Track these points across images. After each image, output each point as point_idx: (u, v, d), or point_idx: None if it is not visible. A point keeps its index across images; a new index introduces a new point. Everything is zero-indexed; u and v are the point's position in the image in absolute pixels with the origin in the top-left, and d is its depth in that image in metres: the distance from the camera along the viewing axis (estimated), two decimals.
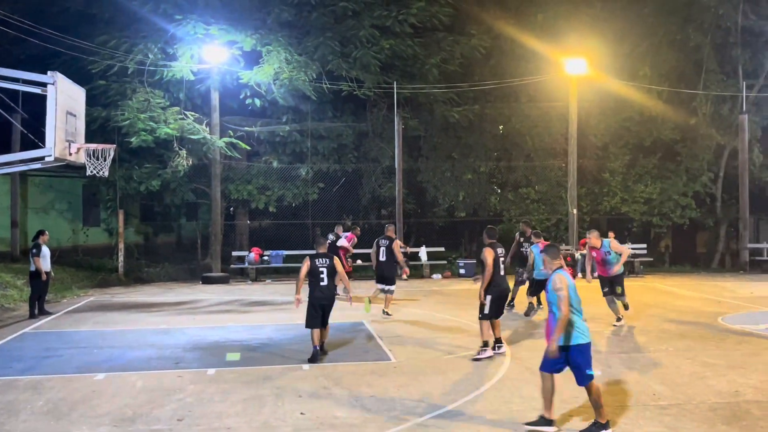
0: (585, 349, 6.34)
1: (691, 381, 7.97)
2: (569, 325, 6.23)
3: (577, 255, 20.88)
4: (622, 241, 22.17)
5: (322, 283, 9.26)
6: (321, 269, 9.27)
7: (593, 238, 12.02)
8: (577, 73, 21.39)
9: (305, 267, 9.25)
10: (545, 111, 23.51)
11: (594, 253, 12.02)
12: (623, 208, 23.80)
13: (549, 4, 23.51)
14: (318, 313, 9.25)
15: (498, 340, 9.55)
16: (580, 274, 20.56)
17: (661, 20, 23.72)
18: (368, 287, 14.96)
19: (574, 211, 21.94)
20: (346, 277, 9.93)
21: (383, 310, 12.77)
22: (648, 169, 24.16)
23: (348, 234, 17.01)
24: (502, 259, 9.50)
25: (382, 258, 13.03)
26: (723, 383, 7.83)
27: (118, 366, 9.08)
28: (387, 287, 12.99)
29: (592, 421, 6.26)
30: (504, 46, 23.32)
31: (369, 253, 14.61)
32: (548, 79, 22.29)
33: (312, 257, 9.34)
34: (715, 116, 23.96)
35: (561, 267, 6.40)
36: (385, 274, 13.03)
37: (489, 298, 9.33)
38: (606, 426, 6.18)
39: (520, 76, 22.43)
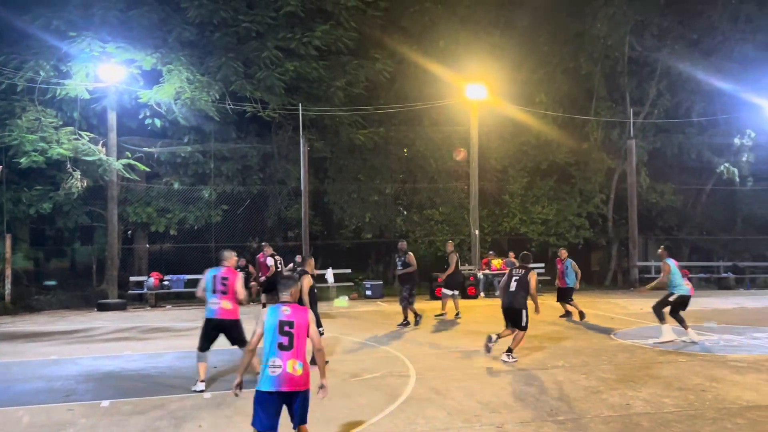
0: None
1: (586, 395, 8.28)
2: None
3: (479, 274, 21.43)
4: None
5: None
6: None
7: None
8: (477, 98, 22.11)
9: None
10: (448, 134, 24.12)
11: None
12: (522, 228, 24.66)
13: (450, 31, 24.23)
14: None
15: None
16: (482, 294, 21.13)
17: (555, 49, 24.95)
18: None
19: (476, 231, 22.51)
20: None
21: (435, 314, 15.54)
22: (545, 191, 25.18)
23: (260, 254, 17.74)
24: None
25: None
26: (615, 397, 8.18)
27: (2, 400, 8.49)
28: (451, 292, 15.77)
29: None
30: (408, 70, 23.82)
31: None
32: (450, 104, 22.92)
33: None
34: (605, 141, 25.33)
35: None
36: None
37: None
38: None
39: (423, 100, 22.94)
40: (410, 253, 14.56)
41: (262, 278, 17.41)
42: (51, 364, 10.93)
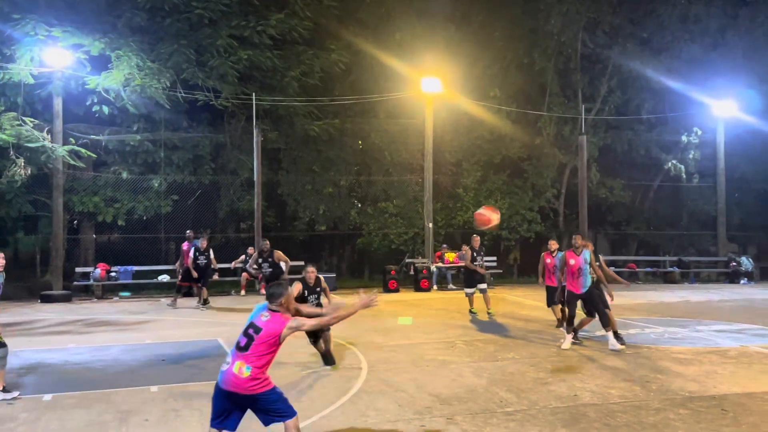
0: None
1: (535, 387, 8.38)
2: None
3: (433, 268, 21.53)
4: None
5: None
6: None
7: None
8: (432, 91, 22.16)
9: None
10: (403, 127, 24.14)
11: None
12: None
13: (406, 24, 24.23)
14: None
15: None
16: (435, 287, 21.24)
17: (509, 45, 25.18)
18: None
19: (430, 225, 22.60)
20: None
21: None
22: (498, 185, 25.44)
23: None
24: None
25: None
26: (563, 388, 8.30)
27: None
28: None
29: None
30: (363, 62, 23.72)
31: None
32: (406, 97, 22.92)
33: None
34: (558, 136, 25.71)
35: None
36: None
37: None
38: None
39: (379, 92, 22.89)
40: (279, 251, 13.39)
41: (178, 266, 17.46)
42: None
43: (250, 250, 20.24)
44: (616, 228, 28.75)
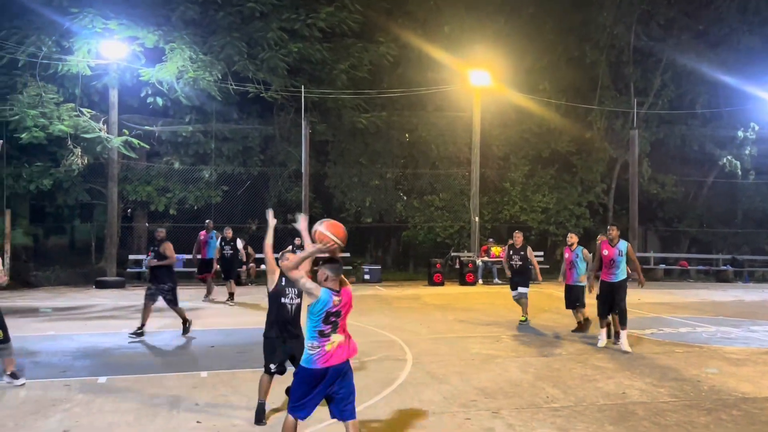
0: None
1: (582, 383, 8.29)
2: None
3: (478, 262, 21.45)
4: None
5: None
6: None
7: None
8: (481, 84, 22.01)
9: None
10: (450, 120, 24.04)
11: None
12: (522, 216, 24.64)
13: (455, 17, 24.08)
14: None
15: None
16: (480, 281, 21.15)
17: (560, 38, 24.80)
18: None
19: (476, 218, 22.49)
20: None
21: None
22: (546, 179, 25.13)
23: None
24: None
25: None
26: (611, 385, 8.19)
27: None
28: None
29: None
30: (411, 55, 23.68)
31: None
32: (454, 90, 22.81)
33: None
34: (608, 131, 25.25)
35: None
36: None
37: None
38: None
39: (427, 85, 22.83)
40: (168, 243, 11.45)
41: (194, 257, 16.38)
42: (48, 339, 10.95)
43: (297, 240, 20.44)
44: (667, 225, 28.13)
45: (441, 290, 19.33)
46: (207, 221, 16.94)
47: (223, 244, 15.57)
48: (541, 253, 23.25)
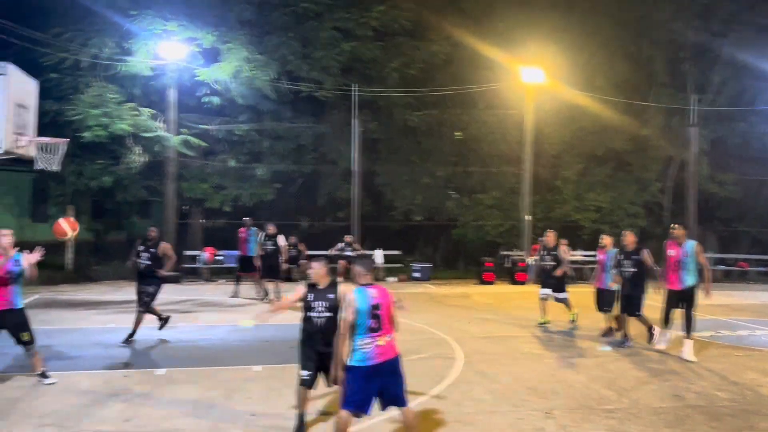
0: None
1: (636, 385, 8.16)
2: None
3: (530, 261, 21.23)
4: (573, 249, 22.67)
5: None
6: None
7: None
8: (534, 82, 21.76)
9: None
10: (502, 118, 23.85)
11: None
12: (575, 215, 24.28)
13: (508, 14, 23.85)
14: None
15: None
16: (532, 280, 20.91)
17: (616, 33, 24.30)
18: None
19: (528, 217, 22.27)
20: None
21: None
22: (600, 177, 24.70)
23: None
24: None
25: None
26: (667, 388, 8.04)
27: (63, 365, 8.86)
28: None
29: None
30: (464, 52, 23.56)
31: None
32: (506, 87, 22.62)
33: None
34: (665, 128, 24.64)
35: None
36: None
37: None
38: None
39: (479, 83, 22.70)
40: (165, 243, 10.81)
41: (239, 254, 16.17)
42: (109, 332, 11.33)
43: (347, 237, 20.64)
44: (726, 225, 27.29)
45: (491, 289, 19.22)
46: (245, 218, 17.10)
47: (265, 239, 15.46)
48: (594, 254, 22.83)
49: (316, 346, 6.31)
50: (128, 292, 16.83)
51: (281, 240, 15.48)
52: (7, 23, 16.62)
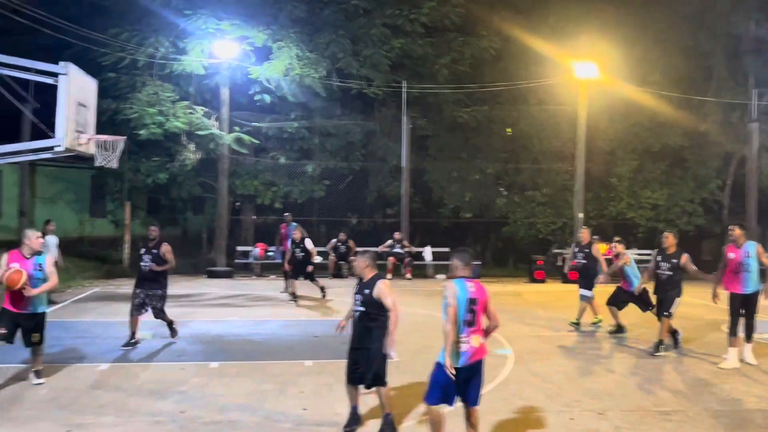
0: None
1: (693, 387, 7.95)
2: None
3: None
4: (627, 247, 22.19)
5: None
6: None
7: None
8: (587, 77, 21.35)
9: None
10: (554, 114, 23.49)
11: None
12: (629, 213, 23.77)
13: (561, 8, 23.47)
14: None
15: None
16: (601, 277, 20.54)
17: (672, 26, 23.65)
18: None
19: (580, 215, 21.91)
20: None
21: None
22: (655, 174, 24.10)
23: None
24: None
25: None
26: (726, 391, 7.81)
27: (121, 357, 9.13)
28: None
29: None
30: (514, 48, 23.27)
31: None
32: (558, 83, 22.26)
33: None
34: (724, 124, 23.89)
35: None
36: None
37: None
38: None
39: (529, 78, 22.40)
40: (167, 244, 10.20)
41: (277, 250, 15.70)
42: (164, 324, 11.55)
43: (397, 234, 20.67)
44: None
45: (542, 287, 18.98)
46: (286, 214, 17.17)
47: (294, 246, 14.71)
48: (649, 252, 22.33)
49: (352, 343, 6.40)
50: (184, 286, 17.27)
51: (309, 243, 14.76)
52: (68, 24, 17.16)
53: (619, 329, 11.25)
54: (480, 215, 24.64)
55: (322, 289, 14.78)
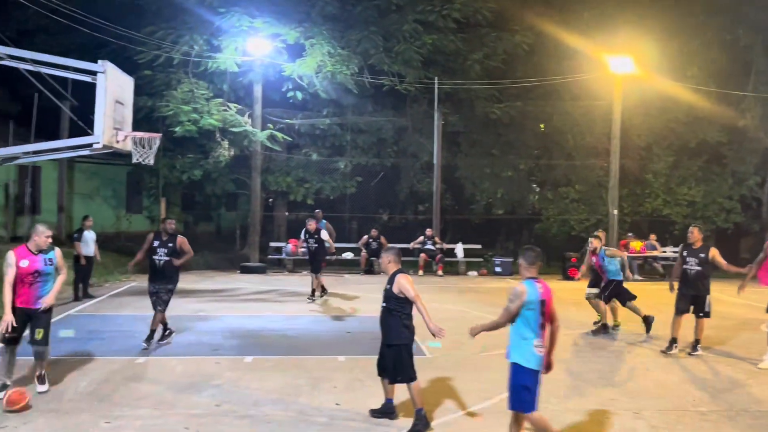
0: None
1: (732, 388, 7.81)
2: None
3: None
4: (663, 244, 21.88)
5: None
6: None
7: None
8: (622, 71, 21.04)
9: None
10: (588, 110, 23.21)
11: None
12: (665, 210, 23.40)
13: (596, 2, 23.16)
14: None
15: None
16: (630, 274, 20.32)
17: (710, 19, 23.18)
18: None
19: (615, 211, 21.63)
20: None
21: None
22: (692, 171, 23.69)
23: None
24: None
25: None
26: (765, 392, 7.65)
27: (158, 351, 9.26)
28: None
29: None
30: (548, 43, 23.02)
31: None
32: (592, 78, 21.97)
33: None
34: (764, 119, 23.35)
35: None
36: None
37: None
38: None
39: (563, 73, 22.16)
40: (183, 237, 9.94)
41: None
42: (200, 319, 11.75)
43: (428, 231, 20.64)
44: None
45: (576, 285, 18.67)
46: (316, 211, 17.18)
47: (306, 236, 14.24)
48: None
49: (382, 337, 6.53)
50: (218, 281, 17.50)
51: (324, 234, 14.32)
52: (104, 23, 17.45)
53: (604, 327, 11.07)
54: (512, 212, 24.49)
55: (322, 289, 14.21)
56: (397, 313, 6.31)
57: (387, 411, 6.58)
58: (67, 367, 8.13)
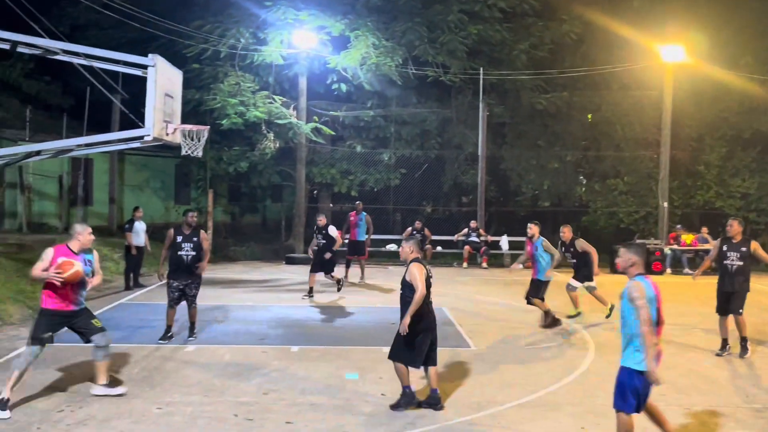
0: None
1: None
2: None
3: (666, 249, 20.21)
4: (714, 237, 21.30)
5: None
6: None
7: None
8: (673, 60, 20.52)
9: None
10: (637, 100, 22.70)
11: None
12: (718, 202, 22.78)
13: None
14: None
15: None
16: (668, 270, 19.92)
17: (765, 6, 22.40)
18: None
19: (665, 204, 21.16)
20: None
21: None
22: (746, 162, 22.98)
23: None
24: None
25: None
26: None
27: (207, 339, 9.44)
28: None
29: None
30: (596, 32, 22.56)
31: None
32: (642, 67, 21.47)
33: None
34: None
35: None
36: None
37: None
38: None
39: (612, 63, 21.71)
40: (203, 231, 9.59)
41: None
42: (247, 309, 11.94)
43: (473, 223, 20.52)
44: None
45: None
46: (357, 203, 17.21)
47: (315, 232, 13.54)
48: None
49: None
50: (264, 272, 17.73)
51: (333, 230, 13.35)
52: (153, 17, 17.79)
53: (554, 322, 10.79)
54: (558, 204, 24.15)
55: (339, 282, 13.40)
56: (409, 299, 6.50)
57: (432, 402, 6.62)
58: (120, 355, 8.34)
